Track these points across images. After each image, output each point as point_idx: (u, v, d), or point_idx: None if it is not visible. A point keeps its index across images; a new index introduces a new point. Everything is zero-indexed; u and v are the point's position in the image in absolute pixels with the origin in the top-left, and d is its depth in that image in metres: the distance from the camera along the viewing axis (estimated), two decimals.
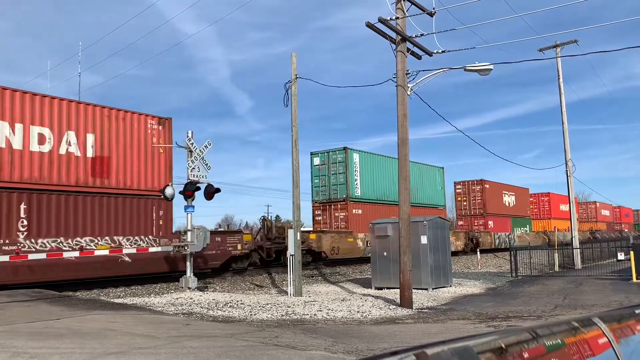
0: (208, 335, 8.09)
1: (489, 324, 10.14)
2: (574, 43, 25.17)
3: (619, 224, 79.17)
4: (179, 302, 13.51)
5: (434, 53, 13.39)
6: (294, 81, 15.96)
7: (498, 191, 43.43)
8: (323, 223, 28.05)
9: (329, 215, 28.15)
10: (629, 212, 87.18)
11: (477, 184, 41.66)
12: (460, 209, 42.54)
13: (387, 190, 30.17)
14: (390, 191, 29.73)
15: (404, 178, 12.93)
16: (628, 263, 18.61)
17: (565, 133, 26.02)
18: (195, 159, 16.18)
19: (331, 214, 28.05)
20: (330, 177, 28.25)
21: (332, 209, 27.98)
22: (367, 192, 28.67)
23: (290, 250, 15.60)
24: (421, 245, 16.35)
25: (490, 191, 41.94)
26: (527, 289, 16.82)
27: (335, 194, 27.88)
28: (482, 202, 40.95)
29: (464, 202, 41.97)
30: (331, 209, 28.09)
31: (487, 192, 41.47)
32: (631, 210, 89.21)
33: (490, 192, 41.94)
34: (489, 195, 41.38)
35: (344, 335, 8.82)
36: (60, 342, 7.19)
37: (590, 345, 1.77)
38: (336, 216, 27.79)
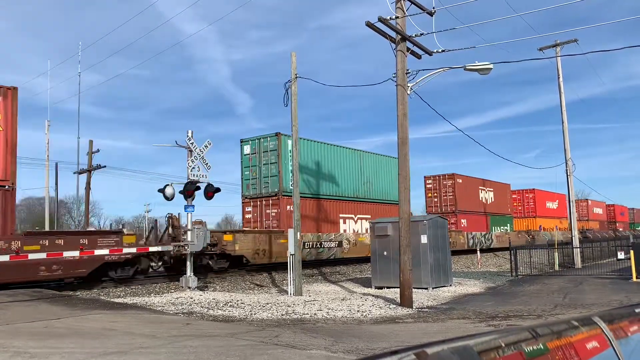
0: (208, 334, 8.10)
1: (489, 323, 10.15)
2: (573, 42, 25.17)
3: (613, 222, 75.94)
4: (179, 302, 13.52)
5: (433, 52, 13.39)
6: (293, 81, 15.95)
7: (473, 186, 40.01)
8: (254, 221, 24.31)
9: (259, 212, 24.16)
10: (624, 211, 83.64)
11: (448, 178, 37.96)
12: (431, 206, 38.70)
13: (336, 184, 26.53)
14: (342, 185, 26.82)
15: (404, 177, 12.93)
16: (628, 262, 18.61)
17: (565, 132, 26.02)
18: (195, 158, 16.19)
19: (262, 210, 24.06)
20: (262, 168, 24.29)
21: (264, 205, 24.00)
22: (308, 186, 24.55)
23: (290, 250, 15.62)
24: (421, 245, 16.36)
25: (463, 186, 38.47)
26: (527, 288, 16.82)
27: (267, 188, 23.87)
28: (454, 199, 37.33)
29: (434, 198, 38.25)
30: (262, 205, 24.10)
31: (459, 188, 37.79)
32: (626, 208, 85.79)
33: (463, 187, 38.45)
34: (461, 191, 37.88)
35: (344, 334, 8.83)
36: (60, 341, 7.20)
37: (590, 345, 1.77)
38: (267, 213, 23.83)
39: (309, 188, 24.60)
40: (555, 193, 56.42)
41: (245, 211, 24.87)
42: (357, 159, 28.55)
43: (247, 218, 24.62)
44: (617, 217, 77.79)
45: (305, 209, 23.06)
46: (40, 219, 37.98)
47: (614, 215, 76.18)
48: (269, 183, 23.84)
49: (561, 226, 55.27)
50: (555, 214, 55.76)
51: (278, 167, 23.60)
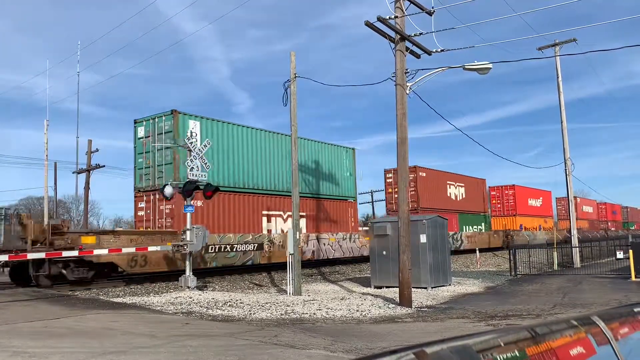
0: (207, 334, 8.10)
1: (488, 323, 10.15)
2: (572, 42, 25.18)
3: (605, 222, 71.09)
4: (178, 301, 13.52)
5: (433, 52, 13.39)
6: (293, 80, 15.95)
7: (439, 181, 36.25)
8: (146, 220, 20.09)
9: (153, 209, 19.86)
10: (616, 209, 79.19)
11: (410, 171, 32.12)
12: (392, 202, 34.69)
13: (259, 175, 22.74)
14: (267, 176, 23.25)
15: (403, 177, 12.94)
16: (627, 262, 18.63)
17: (564, 132, 26.04)
18: (195, 158, 16.19)
19: (156, 206, 19.76)
20: (156, 154, 19.99)
21: (157, 200, 19.64)
22: (216, 176, 20.48)
23: (290, 250, 15.62)
24: (420, 244, 16.37)
25: (427, 181, 34.73)
26: (526, 288, 16.84)
27: (162, 179, 19.48)
28: (416, 194, 33.45)
29: (395, 194, 33.61)
30: (156, 200, 19.77)
31: (422, 182, 33.95)
32: (619, 207, 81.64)
33: (427, 182, 34.70)
34: (424, 186, 34.10)
35: (343, 334, 8.83)
36: (60, 341, 7.19)
37: (589, 344, 1.77)
38: (161, 210, 19.55)
39: (215, 178, 20.33)
40: (539, 190, 53.55)
41: (137, 207, 20.67)
42: (287, 146, 23.80)
43: (139, 216, 20.50)
44: (609, 216, 73.74)
45: (211, 204, 19.77)
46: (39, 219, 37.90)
47: (605, 214, 72.09)
48: (164, 173, 19.57)
49: (545, 225, 52.20)
50: (538, 213, 52.20)
51: (173, 153, 19.37)
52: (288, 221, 23.52)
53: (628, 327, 2.06)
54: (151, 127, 20.34)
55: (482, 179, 43.21)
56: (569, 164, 25.93)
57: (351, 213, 28.38)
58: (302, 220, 24.09)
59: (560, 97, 26.09)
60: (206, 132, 20.48)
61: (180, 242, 15.84)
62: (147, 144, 20.35)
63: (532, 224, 48.73)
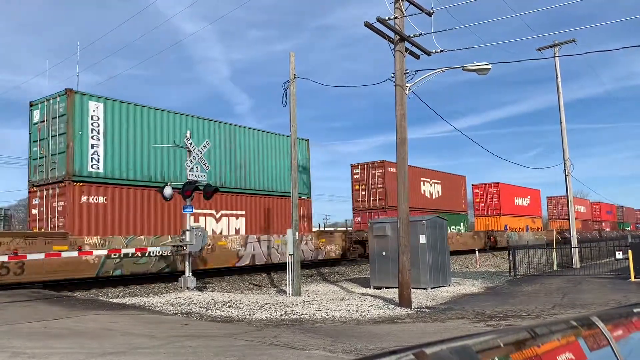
0: (207, 335, 8.10)
1: (487, 323, 10.16)
2: (572, 42, 25.20)
3: (599, 222, 67.49)
4: (177, 302, 13.51)
5: (432, 52, 13.40)
6: (292, 81, 15.96)
7: (412, 178, 31.61)
8: (39, 219, 17.28)
9: (47, 206, 17.10)
10: (611, 209, 75.19)
11: (378, 166, 31.10)
12: (358, 200, 31.92)
13: (170, 167, 19.32)
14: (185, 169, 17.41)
15: (403, 177, 12.95)
16: (626, 262, 18.64)
17: (563, 132, 26.05)
18: (194, 158, 16.19)
19: (49, 203, 16.99)
20: (50, 141, 17.22)
21: (50, 196, 16.97)
22: (120, 168, 17.65)
23: (289, 250, 15.63)
24: (420, 245, 16.37)
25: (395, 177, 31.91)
26: (526, 288, 16.84)
27: (54, 171, 16.93)
28: (384, 192, 30.80)
29: (362, 191, 31.42)
30: (50, 196, 17.03)
31: (391, 178, 30.34)
32: (614, 206, 78.17)
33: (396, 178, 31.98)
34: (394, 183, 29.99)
35: (342, 334, 8.83)
36: (59, 342, 7.19)
37: (588, 344, 1.77)
38: (54, 207, 16.76)
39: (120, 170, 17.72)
40: (527, 188, 50.59)
41: (31, 205, 17.85)
42: (225, 135, 21.83)
43: (33, 215, 17.67)
44: (603, 216, 70.35)
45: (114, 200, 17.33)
46: None
47: (599, 214, 68.76)
48: (57, 163, 16.93)
49: (534, 226, 49.76)
50: (526, 212, 49.42)
51: (66, 139, 16.60)
52: (222, 221, 21.01)
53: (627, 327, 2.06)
54: (46, 110, 17.44)
55: (462, 176, 39.86)
56: (568, 165, 25.95)
57: (304, 212, 24.65)
58: (241, 220, 21.78)
59: (560, 97, 26.11)
60: (112, 117, 17.67)
61: (179, 242, 15.84)
62: (43, 130, 17.51)
63: (518, 224, 46.14)
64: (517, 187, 48.65)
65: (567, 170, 25.95)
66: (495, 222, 43.91)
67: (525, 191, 50.22)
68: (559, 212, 59.64)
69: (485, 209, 44.81)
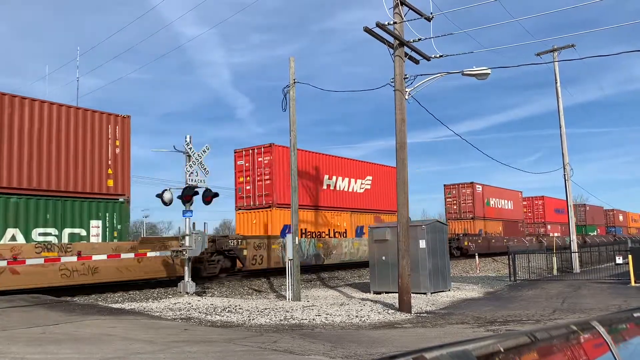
0: (206, 340, 8.07)
1: (487, 328, 10.13)
2: (571, 47, 25.27)
3: (541, 224, 56.75)
4: (177, 307, 13.48)
5: (431, 57, 13.43)
6: (292, 86, 15.99)
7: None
8: None
9: None
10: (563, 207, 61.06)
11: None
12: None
13: None
14: None
15: (402, 182, 12.94)
16: (626, 267, 18.62)
17: (562, 137, 26.09)
18: (194, 163, 16.19)
19: None
20: None
21: None
22: None
23: (289, 255, 15.61)
24: (420, 250, 16.36)
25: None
26: (526, 293, 16.81)
27: None
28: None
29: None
30: None
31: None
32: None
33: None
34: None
35: (342, 339, 8.80)
36: (58, 347, 7.17)
37: (589, 349, 1.77)
38: None
39: None
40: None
41: None
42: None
43: None
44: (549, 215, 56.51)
45: None
46: None
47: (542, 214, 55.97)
48: None
49: None
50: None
51: None
52: None
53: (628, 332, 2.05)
54: None
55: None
56: (567, 169, 25.97)
57: None
58: None
59: (559, 102, 26.15)
60: None
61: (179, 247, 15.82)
62: None
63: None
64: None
65: (567, 175, 25.96)
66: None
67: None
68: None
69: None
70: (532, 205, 54.78)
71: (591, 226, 64.55)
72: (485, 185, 42.32)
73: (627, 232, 79.67)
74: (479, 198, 41.00)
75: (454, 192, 40.93)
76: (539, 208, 54.38)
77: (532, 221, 55.12)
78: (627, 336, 2.00)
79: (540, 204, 54.68)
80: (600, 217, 70.57)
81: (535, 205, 54.56)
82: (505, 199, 45.57)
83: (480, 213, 40.82)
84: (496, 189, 44.42)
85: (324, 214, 26.11)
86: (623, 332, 2.03)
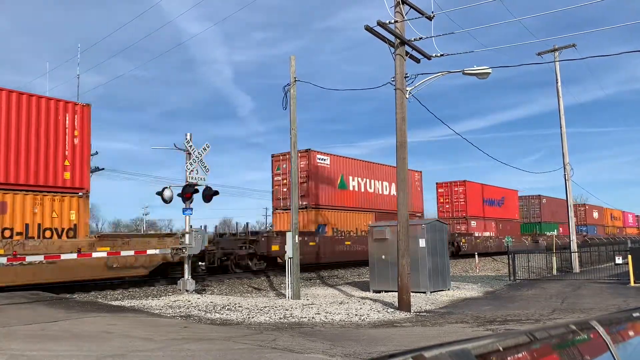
0: (206, 338, 8.08)
1: (487, 328, 10.14)
2: (572, 47, 25.24)
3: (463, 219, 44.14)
4: (176, 305, 13.49)
5: (432, 56, 13.41)
6: (292, 84, 15.98)
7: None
8: None
9: None
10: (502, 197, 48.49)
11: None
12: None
13: None
14: None
15: (403, 181, 12.94)
16: (626, 267, 18.62)
17: (563, 137, 26.07)
18: (194, 161, 16.19)
19: None
20: None
21: None
22: None
23: (289, 253, 15.61)
24: (419, 249, 16.36)
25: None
26: (525, 293, 16.82)
27: None
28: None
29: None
30: None
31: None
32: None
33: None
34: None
35: (341, 338, 8.81)
36: (57, 344, 7.17)
37: (588, 349, 1.77)
38: None
39: None
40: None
41: None
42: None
43: None
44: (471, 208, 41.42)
45: None
46: None
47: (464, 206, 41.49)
48: None
49: None
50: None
51: None
52: None
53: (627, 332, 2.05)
54: None
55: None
56: (568, 169, 25.95)
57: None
58: None
59: (560, 102, 26.14)
60: None
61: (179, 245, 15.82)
62: None
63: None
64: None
65: (567, 175, 25.95)
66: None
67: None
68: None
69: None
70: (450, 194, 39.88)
71: (550, 224, 50.95)
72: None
73: (604, 232, 64.92)
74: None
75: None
76: (459, 198, 39.23)
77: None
78: (626, 336, 2.00)
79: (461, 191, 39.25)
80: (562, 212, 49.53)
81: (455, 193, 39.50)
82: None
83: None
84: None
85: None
86: (622, 332, 2.03)
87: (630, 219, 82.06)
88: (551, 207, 52.34)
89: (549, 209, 51.98)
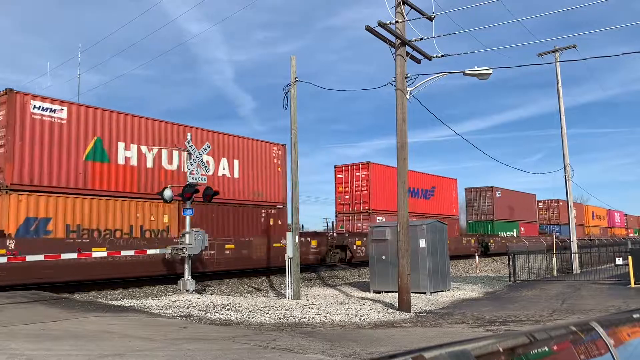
0: (206, 338, 8.08)
1: (487, 328, 10.14)
2: (572, 48, 25.23)
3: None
4: (176, 305, 13.49)
5: (433, 57, 13.41)
6: (293, 84, 15.97)
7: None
8: None
9: None
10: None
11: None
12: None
13: None
14: None
15: (403, 182, 12.94)
16: (626, 268, 18.61)
17: (563, 138, 26.06)
18: (195, 161, 16.19)
19: None
20: None
21: None
22: None
23: (289, 254, 15.60)
24: (419, 249, 16.35)
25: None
26: (525, 293, 16.81)
27: None
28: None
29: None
30: None
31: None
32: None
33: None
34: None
35: (341, 338, 8.81)
36: (57, 344, 7.18)
37: (588, 350, 1.77)
38: None
39: None
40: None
41: None
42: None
43: None
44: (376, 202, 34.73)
45: None
46: None
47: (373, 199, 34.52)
48: None
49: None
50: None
51: None
52: None
53: (627, 333, 2.05)
54: None
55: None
56: (568, 170, 25.94)
57: None
58: None
59: (560, 102, 26.13)
60: None
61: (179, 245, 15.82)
62: None
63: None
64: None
65: (567, 176, 25.94)
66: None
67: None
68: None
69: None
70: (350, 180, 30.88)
71: (506, 223, 43.93)
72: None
73: (584, 232, 54.85)
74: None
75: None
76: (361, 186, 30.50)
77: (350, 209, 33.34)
78: (626, 337, 1.99)
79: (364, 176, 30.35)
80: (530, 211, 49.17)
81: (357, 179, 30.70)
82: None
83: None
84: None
85: None
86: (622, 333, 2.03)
87: (617, 218, 74.05)
88: (509, 202, 44.68)
89: (505, 204, 44.08)
